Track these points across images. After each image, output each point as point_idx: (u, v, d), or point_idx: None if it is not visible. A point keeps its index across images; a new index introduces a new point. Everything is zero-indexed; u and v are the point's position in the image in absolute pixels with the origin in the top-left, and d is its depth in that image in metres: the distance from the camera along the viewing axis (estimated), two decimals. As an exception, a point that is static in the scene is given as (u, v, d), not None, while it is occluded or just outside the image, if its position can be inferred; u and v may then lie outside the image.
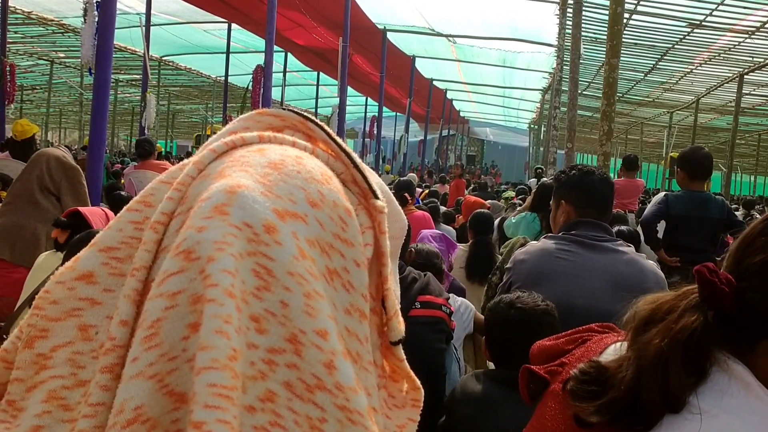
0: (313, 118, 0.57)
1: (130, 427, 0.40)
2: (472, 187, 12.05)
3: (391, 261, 0.56)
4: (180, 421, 0.42)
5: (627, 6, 8.94)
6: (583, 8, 9.22)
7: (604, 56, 6.35)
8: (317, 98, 18.96)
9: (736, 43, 12.21)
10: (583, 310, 1.80)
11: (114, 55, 4.08)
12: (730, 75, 14.37)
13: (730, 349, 0.75)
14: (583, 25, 9.39)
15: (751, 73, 13.42)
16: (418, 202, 6.41)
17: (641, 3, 10.60)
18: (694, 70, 14.94)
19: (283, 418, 0.43)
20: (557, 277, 1.93)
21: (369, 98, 20.87)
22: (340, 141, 0.56)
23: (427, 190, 9.86)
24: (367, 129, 18.47)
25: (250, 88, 9.47)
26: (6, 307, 2.71)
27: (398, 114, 24.84)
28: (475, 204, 5.92)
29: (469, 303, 2.81)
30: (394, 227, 0.58)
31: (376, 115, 15.14)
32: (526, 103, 24.32)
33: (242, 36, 14.58)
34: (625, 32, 9.14)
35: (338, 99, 10.31)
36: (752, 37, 11.52)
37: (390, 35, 14.17)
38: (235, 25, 13.69)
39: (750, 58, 12.97)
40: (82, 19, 4.55)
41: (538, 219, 3.74)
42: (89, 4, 4.41)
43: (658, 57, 14.07)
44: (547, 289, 1.88)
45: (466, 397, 1.78)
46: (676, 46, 13.02)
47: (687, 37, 12.23)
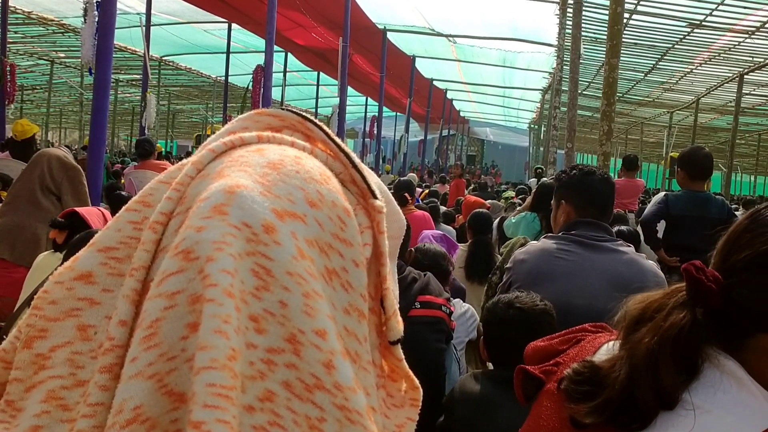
0: (312, 118, 0.57)
1: (129, 427, 0.40)
2: (472, 187, 12.05)
3: (389, 261, 0.56)
4: (179, 421, 0.42)
5: (627, 6, 8.94)
6: (583, 8, 9.22)
7: (604, 56, 6.34)
8: (317, 98, 18.95)
9: (736, 43, 12.21)
10: (582, 310, 1.79)
11: (114, 55, 4.08)
12: (730, 75, 14.38)
13: (721, 345, 0.76)
14: (583, 25, 9.39)
15: (751, 73, 13.42)
16: (418, 201, 6.40)
17: (641, 3, 10.60)
18: (694, 70, 14.95)
19: (282, 418, 0.43)
20: (557, 277, 1.93)
21: (369, 98, 20.86)
22: (338, 141, 0.56)
23: (427, 190, 9.86)
24: (367, 129, 18.48)
25: (250, 88, 9.49)
26: (6, 307, 2.71)
27: (398, 114, 24.81)
28: (475, 204, 5.92)
29: (474, 311, 2.79)
30: (393, 227, 0.58)
31: (376, 115, 15.14)
32: (526, 103, 24.32)
33: (242, 36, 14.58)
34: (625, 32, 9.14)
35: (338, 99, 10.31)
36: (752, 37, 11.52)
37: (390, 35, 14.17)
38: (235, 25, 13.69)
39: (750, 58, 12.98)
40: (82, 19, 4.54)
41: (538, 219, 3.74)
42: (89, 4, 4.40)
43: (658, 57, 14.07)
44: (547, 288, 1.88)
45: (464, 397, 1.78)
46: (676, 46, 13.03)
47: (687, 37, 12.23)
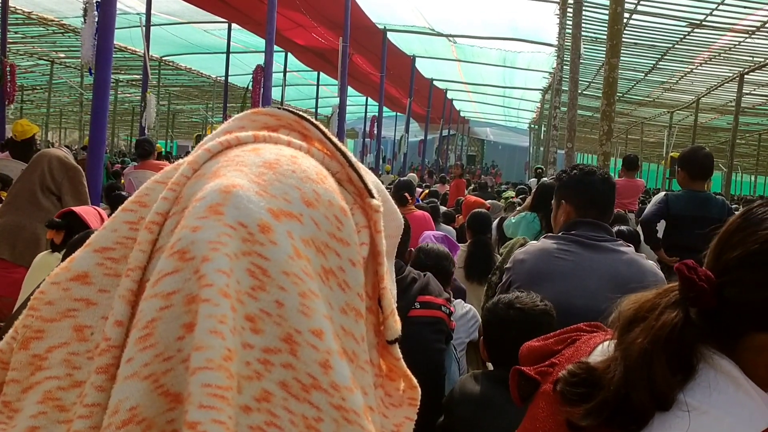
0: (309, 117, 0.57)
1: (125, 428, 0.40)
2: (472, 187, 12.06)
3: (387, 260, 0.56)
4: (175, 422, 0.42)
5: (627, 6, 8.93)
6: (583, 8, 9.21)
7: (604, 56, 6.34)
8: (317, 98, 18.96)
9: (736, 43, 12.21)
10: (582, 310, 1.78)
11: (114, 55, 4.09)
12: (731, 75, 14.37)
13: (716, 345, 0.75)
14: (583, 25, 9.38)
15: (751, 73, 13.41)
16: (418, 201, 6.40)
17: (641, 3, 10.60)
18: (694, 70, 14.95)
19: (279, 418, 0.43)
20: (557, 277, 1.93)
21: (369, 98, 20.87)
22: (335, 140, 0.56)
23: (428, 190, 9.86)
24: (367, 129, 18.49)
25: (250, 88, 9.49)
26: (6, 307, 2.71)
27: (398, 114, 24.82)
28: (475, 204, 5.92)
29: (476, 312, 2.78)
30: (390, 226, 0.58)
31: (376, 115, 15.14)
32: (526, 103, 24.32)
33: (242, 36, 14.59)
34: (625, 32, 9.14)
35: (338, 99, 10.32)
36: (752, 36, 11.52)
37: (390, 35, 14.17)
38: (235, 25, 13.70)
39: (750, 58, 12.97)
40: (82, 19, 4.55)
41: (538, 219, 3.73)
42: (89, 4, 4.41)
43: (659, 57, 14.07)
44: (547, 288, 1.87)
45: (464, 398, 1.78)
46: (676, 46, 13.02)
47: (687, 37, 12.23)
